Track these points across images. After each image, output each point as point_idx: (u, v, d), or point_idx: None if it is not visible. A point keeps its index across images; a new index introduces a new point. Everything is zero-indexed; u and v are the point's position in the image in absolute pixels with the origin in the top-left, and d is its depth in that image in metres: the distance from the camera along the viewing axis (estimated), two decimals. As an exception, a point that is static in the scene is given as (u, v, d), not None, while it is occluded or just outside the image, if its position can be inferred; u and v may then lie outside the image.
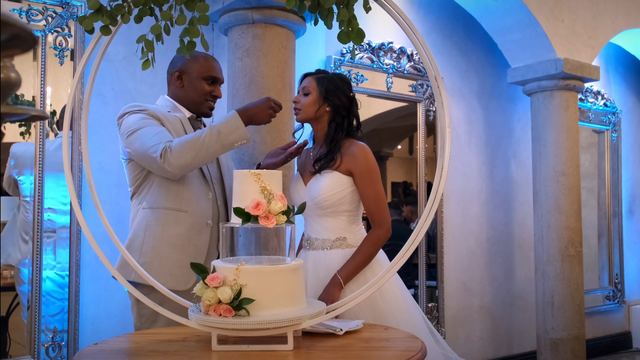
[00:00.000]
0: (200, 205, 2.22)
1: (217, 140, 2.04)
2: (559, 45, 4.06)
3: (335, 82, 2.30)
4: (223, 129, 2.05)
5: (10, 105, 0.79)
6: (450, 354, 2.24)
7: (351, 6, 1.65)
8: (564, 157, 4.11)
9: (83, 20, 1.63)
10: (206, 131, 2.05)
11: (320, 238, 2.25)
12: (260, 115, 2.15)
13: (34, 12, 2.77)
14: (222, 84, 2.40)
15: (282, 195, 1.70)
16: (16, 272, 2.77)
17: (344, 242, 2.24)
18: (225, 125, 2.07)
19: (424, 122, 4.08)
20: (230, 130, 2.06)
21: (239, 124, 2.07)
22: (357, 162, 2.22)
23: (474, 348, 4.33)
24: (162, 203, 2.18)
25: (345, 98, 2.30)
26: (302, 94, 2.31)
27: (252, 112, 2.14)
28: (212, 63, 2.35)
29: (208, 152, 2.06)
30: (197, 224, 2.21)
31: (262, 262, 1.77)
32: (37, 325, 2.72)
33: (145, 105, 2.24)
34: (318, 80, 2.29)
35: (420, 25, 4.09)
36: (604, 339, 5.18)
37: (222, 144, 2.06)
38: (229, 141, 2.07)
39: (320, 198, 2.21)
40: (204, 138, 2.04)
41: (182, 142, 2.05)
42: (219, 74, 2.36)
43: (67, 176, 1.74)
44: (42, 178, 2.74)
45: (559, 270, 4.09)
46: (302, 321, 1.64)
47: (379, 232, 2.20)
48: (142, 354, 1.67)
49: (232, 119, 2.08)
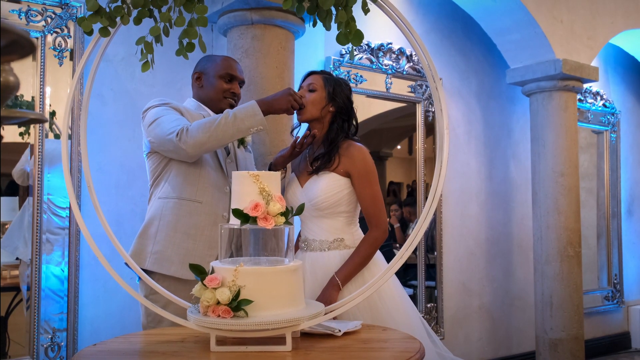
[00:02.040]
0: (216, 197, 2.25)
1: (233, 123, 2.06)
2: (557, 46, 4.06)
3: (341, 84, 2.31)
4: (239, 114, 2.08)
5: (10, 107, 0.79)
6: (446, 352, 2.24)
7: (349, 8, 1.65)
8: (563, 157, 4.12)
9: (82, 22, 1.64)
10: (223, 115, 2.08)
11: (318, 239, 2.25)
12: (279, 102, 2.16)
13: (34, 12, 2.77)
14: (242, 83, 2.43)
15: (280, 197, 1.71)
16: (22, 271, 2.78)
17: (341, 243, 2.24)
18: (242, 110, 2.10)
19: (423, 123, 4.08)
20: (247, 115, 2.08)
21: (257, 110, 2.09)
22: (355, 164, 2.22)
23: (472, 348, 4.33)
24: (178, 193, 2.22)
25: (348, 100, 2.31)
26: (307, 90, 2.29)
27: (272, 99, 2.16)
28: (229, 62, 2.40)
29: (224, 134, 2.07)
30: (212, 214, 2.23)
31: (260, 263, 1.77)
32: (36, 325, 2.72)
33: (169, 100, 2.28)
34: (325, 79, 2.30)
35: (419, 26, 4.09)
36: (602, 340, 5.19)
37: (238, 128, 2.07)
38: (245, 125, 2.08)
39: (318, 199, 2.21)
40: (220, 120, 2.07)
41: (199, 123, 2.09)
42: (236, 72, 2.39)
43: (66, 177, 1.75)
44: (41, 178, 2.75)
45: (557, 270, 4.10)
46: (301, 322, 1.64)
47: (376, 233, 2.20)
48: (141, 354, 1.68)
49: (250, 106, 2.11)
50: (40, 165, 2.75)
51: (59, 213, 2.81)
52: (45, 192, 2.76)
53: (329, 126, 2.29)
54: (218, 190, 2.27)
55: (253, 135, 2.70)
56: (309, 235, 2.28)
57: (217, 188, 2.27)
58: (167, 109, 2.20)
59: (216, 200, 2.25)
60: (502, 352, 4.50)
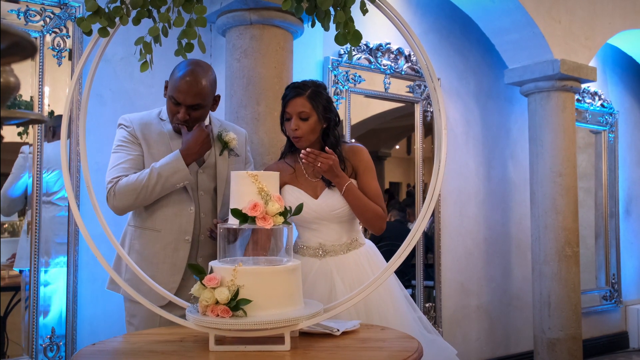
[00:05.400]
0: (177, 222, 2.22)
1: (157, 182, 2.11)
2: (556, 46, 4.07)
3: (322, 95, 2.26)
4: (164, 172, 2.11)
5: (9, 107, 0.79)
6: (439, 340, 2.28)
7: (348, 8, 1.66)
8: (561, 157, 4.13)
9: (81, 22, 1.64)
10: (149, 174, 2.11)
11: (338, 244, 2.29)
12: (202, 149, 2.17)
13: (32, 12, 2.77)
14: (198, 107, 2.18)
15: (279, 197, 1.71)
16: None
17: (356, 242, 2.33)
18: (166, 167, 2.12)
19: (421, 123, 4.09)
20: (172, 172, 2.12)
21: (180, 166, 2.12)
22: (362, 158, 2.31)
23: (471, 348, 4.34)
24: (140, 222, 2.26)
25: (331, 104, 2.30)
26: (299, 119, 2.21)
27: (192, 149, 2.15)
28: (179, 82, 2.15)
29: (152, 194, 2.13)
30: (172, 241, 2.22)
31: (259, 262, 1.78)
32: (35, 325, 2.72)
33: (134, 119, 2.26)
34: (312, 100, 2.22)
35: (418, 26, 4.10)
36: (600, 339, 5.20)
37: (163, 186, 2.13)
38: (170, 183, 2.13)
39: (340, 210, 2.26)
40: (146, 182, 2.11)
41: (126, 184, 2.12)
42: (179, 96, 2.15)
43: (65, 177, 1.75)
44: (40, 178, 2.75)
45: (556, 270, 4.10)
46: (300, 321, 1.65)
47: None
48: (139, 354, 1.68)
49: (174, 160, 2.12)
50: (39, 164, 2.75)
51: (57, 212, 2.81)
52: (43, 191, 2.76)
53: (322, 138, 2.29)
54: (179, 213, 2.22)
55: (252, 135, 2.70)
56: (326, 241, 2.29)
57: (180, 211, 2.23)
58: (121, 144, 2.22)
59: (177, 226, 2.22)
60: (500, 352, 4.51)
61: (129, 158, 2.20)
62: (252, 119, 2.77)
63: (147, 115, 2.31)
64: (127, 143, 2.23)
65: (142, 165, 2.21)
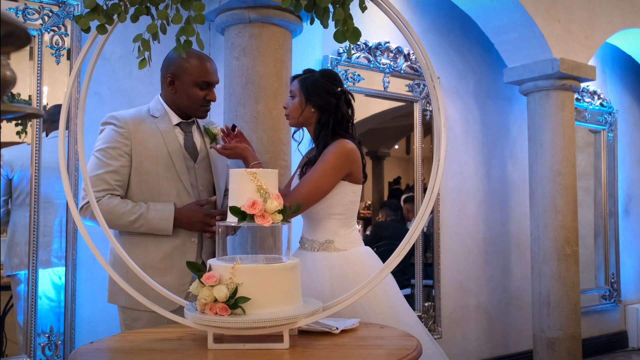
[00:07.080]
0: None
1: (142, 225, 2.11)
2: (555, 45, 4.07)
3: (317, 82, 2.24)
4: (152, 219, 2.11)
5: (6, 103, 0.79)
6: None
7: (347, 5, 1.65)
8: (560, 156, 4.12)
9: (79, 19, 1.63)
10: (140, 215, 2.10)
11: (310, 239, 2.25)
12: (193, 226, 2.16)
13: (30, 11, 2.76)
14: (217, 84, 2.30)
15: (278, 194, 1.70)
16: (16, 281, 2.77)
17: (330, 245, 2.22)
18: (155, 215, 2.12)
19: (420, 122, 4.09)
20: (160, 221, 2.12)
21: (168, 224, 2.12)
22: (326, 151, 2.18)
23: (470, 347, 4.33)
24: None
25: (330, 95, 2.23)
26: (290, 97, 2.30)
27: (186, 220, 2.15)
28: (205, 66, 2.22)
29: (126, 229, 2.13)
30: (180, 244, 2.19)
31: (258, 260, 1.77)
32: (33, 324, 2.71)
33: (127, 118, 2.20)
34: (302, 82, 2.26)
35: (417, 25, 4.09)
36: (600, 338, 5.20)
37: (141, 225, 2.12)
38: (151, 226, 2.12)
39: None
40: (132, 221, 2.10)
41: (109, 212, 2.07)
42: (212, 78, 2.24)
43: (63, 175, 1.74)
44: (38, 177, 2.74)
45: (555, 269, 4.10)
46: (298, 320, 1.64)
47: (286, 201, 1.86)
48: (138, 352, 1.67)
49: (167, 212, 2.13)
50: (38, 164, 2.74)
51: (56, 212, 2.80)
52: (42, 191, 2.75)
53: (315, 126, 2.26)
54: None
55: (251, 134, 2.70)
56: (305, 233, 2.29)
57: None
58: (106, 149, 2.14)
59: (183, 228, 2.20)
60: (499, 351, 4.51)
61: (111, 169, 2.13)
62: (251, 118, 2.76)
63: (137, 113, 2.25)
64: (114, 150, 2.15)
65: (126, 179, 2.16)
